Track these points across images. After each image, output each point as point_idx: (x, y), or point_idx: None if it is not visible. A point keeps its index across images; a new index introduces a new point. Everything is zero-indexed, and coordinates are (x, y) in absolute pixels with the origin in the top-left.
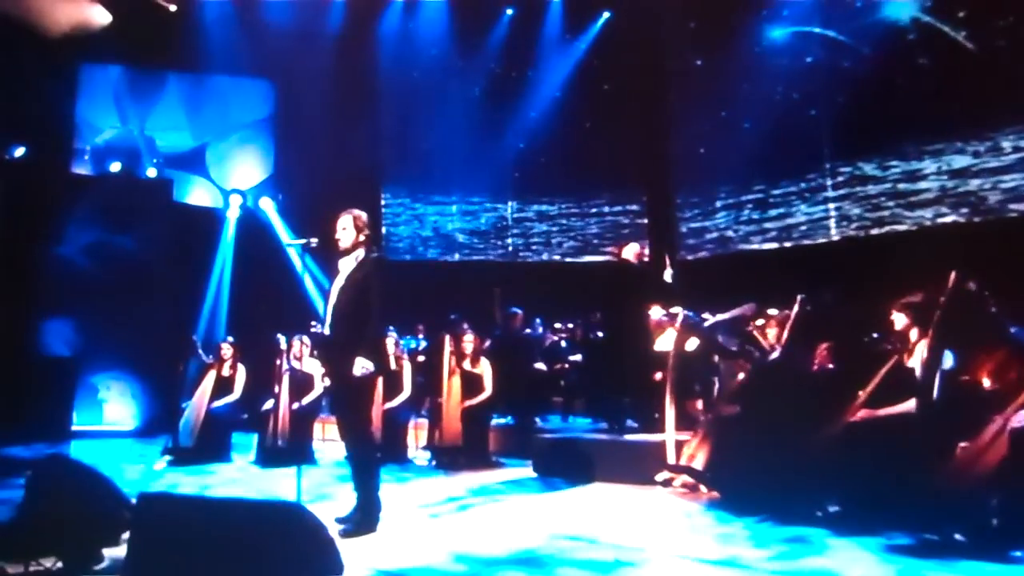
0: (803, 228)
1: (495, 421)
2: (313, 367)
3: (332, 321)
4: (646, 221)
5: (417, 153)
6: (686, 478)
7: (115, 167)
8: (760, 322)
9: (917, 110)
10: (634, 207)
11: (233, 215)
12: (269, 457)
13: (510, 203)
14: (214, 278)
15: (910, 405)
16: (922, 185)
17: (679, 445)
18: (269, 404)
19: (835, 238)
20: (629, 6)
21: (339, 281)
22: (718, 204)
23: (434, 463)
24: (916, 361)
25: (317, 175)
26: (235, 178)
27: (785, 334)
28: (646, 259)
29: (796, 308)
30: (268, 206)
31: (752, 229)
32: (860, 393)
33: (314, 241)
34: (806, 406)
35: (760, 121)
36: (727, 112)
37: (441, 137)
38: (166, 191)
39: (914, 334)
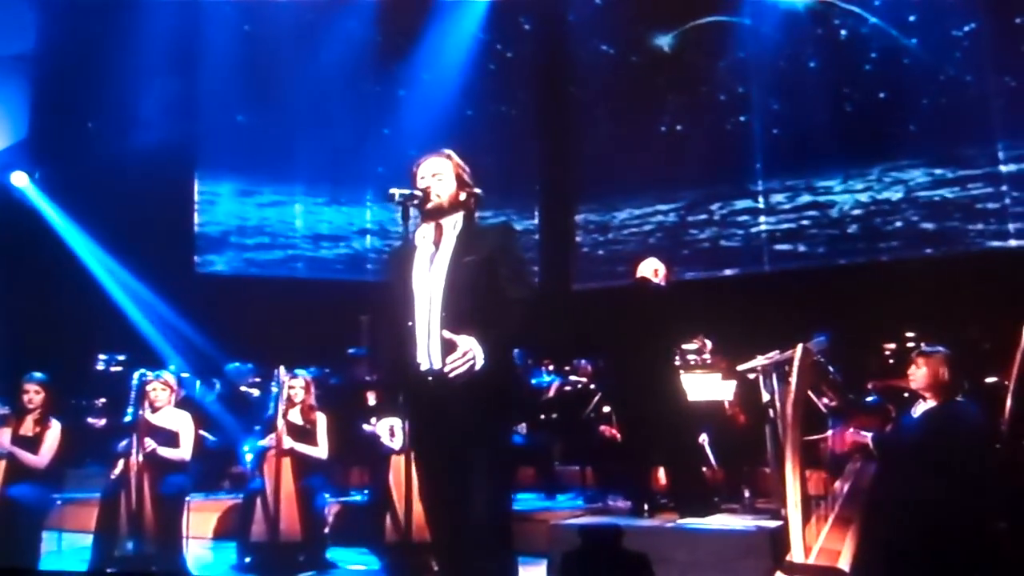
0: (729, 255)
1: None
2: (178, 421)
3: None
4: (538, 238)
5: (247, 129)
6: None
7: None
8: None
9: (867, 121)
10: (526, 221)
11: None
12: (127, 569)
13: (369, 205)
14: None
15: None
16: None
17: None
18: (115, 476)
19: (766, 268)
20: None
21: (438, 266)
22: (624, 222)
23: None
24: None
25: (98, 146)
26: None
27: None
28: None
29: None
30: (23, 183)
31: (665, 253)
32: None
33: (419, 194)
34: None
35: (677, 125)
36: (639, 112)
37: (280, 111)
38: None
39: None
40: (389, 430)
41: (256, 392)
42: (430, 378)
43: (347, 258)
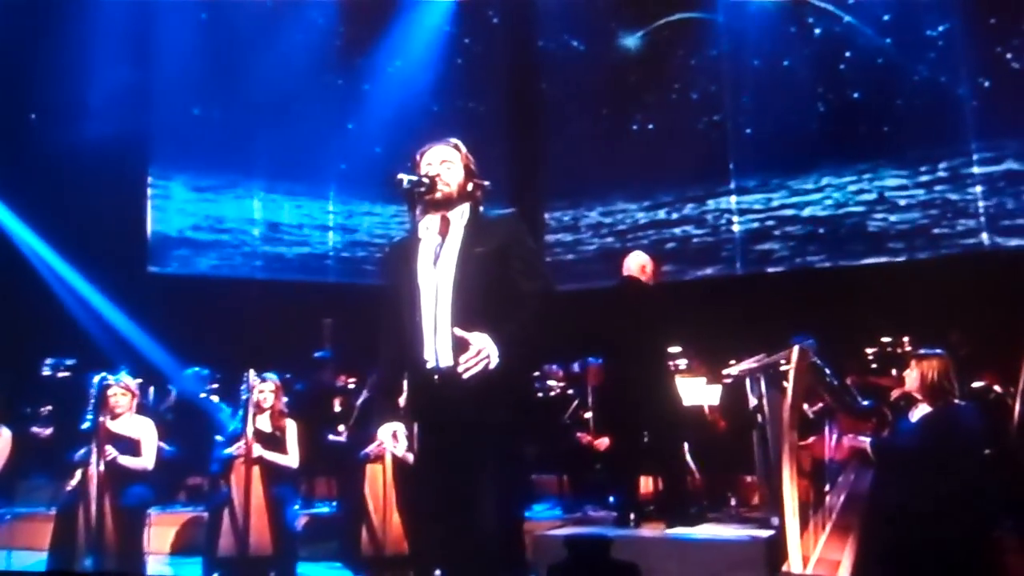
0: (701, 256)
1: None
2: (140, 428)
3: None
4: None
5: (203, 123)
6: None
7: None
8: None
9: (841, 122)
10: None
11: None
12: None
13: (332, 203)
14: None
15: None
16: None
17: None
18: (71, 488)
19: (739, 270)
20: None
21: (445, 259)
22: (595, 222)
23: None
24: None
25: (41, 139)
26: None
27: None
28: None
29: None
30: None
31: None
32: None
33: (427, 181)
34: None
35: (649, 124)
36: (610, 110)
37: (239, 104)
38: None
39: None
40: (392, 435)
41: (215, 398)
42: (436, 377)
43: (308, 257)
